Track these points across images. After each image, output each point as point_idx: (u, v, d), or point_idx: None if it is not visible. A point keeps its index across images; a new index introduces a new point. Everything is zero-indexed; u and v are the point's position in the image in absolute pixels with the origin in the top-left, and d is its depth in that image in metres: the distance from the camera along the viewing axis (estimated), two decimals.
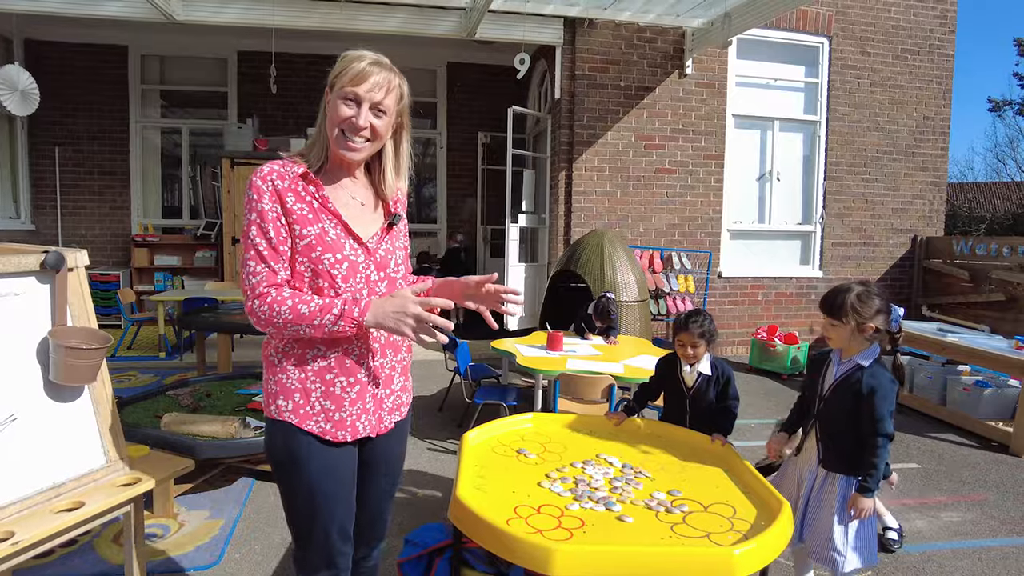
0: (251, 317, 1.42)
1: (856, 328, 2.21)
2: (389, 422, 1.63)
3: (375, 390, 1.57)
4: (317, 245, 1.45)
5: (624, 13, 6.30)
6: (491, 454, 2.30)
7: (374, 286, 1.53)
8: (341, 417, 1.51)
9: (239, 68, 8.52)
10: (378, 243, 1.56)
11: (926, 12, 7.40)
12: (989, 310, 6.67)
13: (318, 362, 1.49)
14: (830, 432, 2.29)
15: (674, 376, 2.75)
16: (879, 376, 2.19)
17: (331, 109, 1.48)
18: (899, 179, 7.52)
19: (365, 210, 1.59)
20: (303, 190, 1.47)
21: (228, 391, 3.77)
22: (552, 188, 6.98)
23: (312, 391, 1.49)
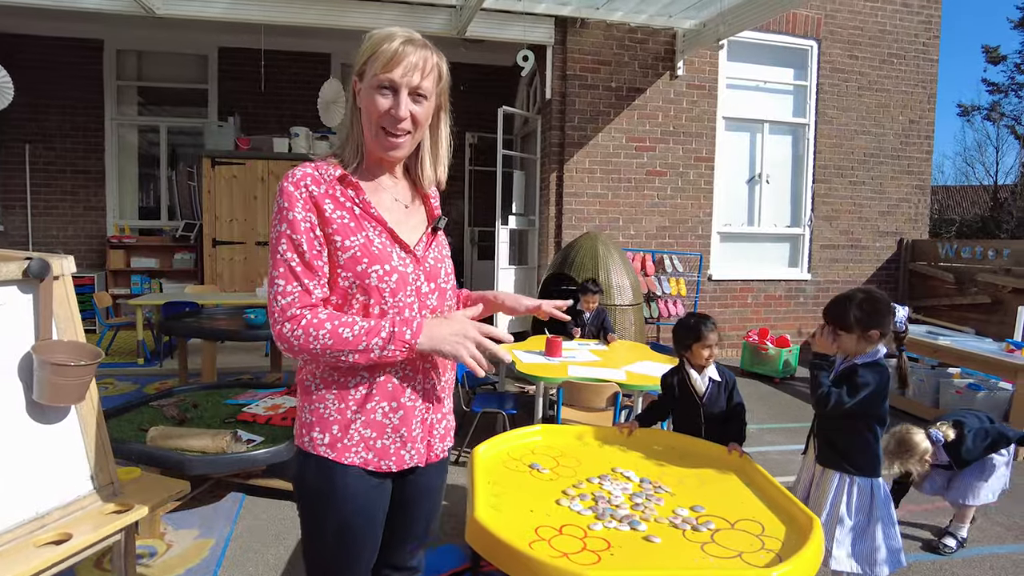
0: (281, 343, 1.26)
1: (862, 335, 2.24)
2: (441, 449, 1.48)
3: (425, 414, 1.41)
4: (363, 257, 1.29)
5: (616, 13, 6.24)
6: (503, 469, 2.20)
7: (424, 299, 1.38)
8: (384, 445, 1.35)
9: (220, 65, 8.30)
10: (425, 250, 1.40)
11: (912, 17, 7.46)
12: (974, 312, 6.73)
13: (359, 389, 1.32)
14: (825, 427, 2.38)
15: (684, 386, 2.69)
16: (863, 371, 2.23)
17: (365, 102, 1.31)
18: (885, 182, 7.57)
19: (409, 213, 1.43)
20: (342, 195, 1.32)
21: (215, 401, 3.61)
22: (543, 190, 6.89)
23: (352, 422, 1.32)
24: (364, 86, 1.31)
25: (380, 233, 1.33)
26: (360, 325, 1.25)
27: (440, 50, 1.38)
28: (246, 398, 3.66)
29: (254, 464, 2.90)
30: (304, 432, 1.35)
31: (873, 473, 2.32)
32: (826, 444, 2.37)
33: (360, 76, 1.33)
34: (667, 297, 6.81)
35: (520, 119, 8.03)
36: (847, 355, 2.32)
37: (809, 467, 2.46)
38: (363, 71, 1.32)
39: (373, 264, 1.29)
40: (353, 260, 1.28)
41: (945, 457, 2.98)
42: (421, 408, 1.39)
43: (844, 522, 2.24)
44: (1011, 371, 4.51)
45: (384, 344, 1.24)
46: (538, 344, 4.22)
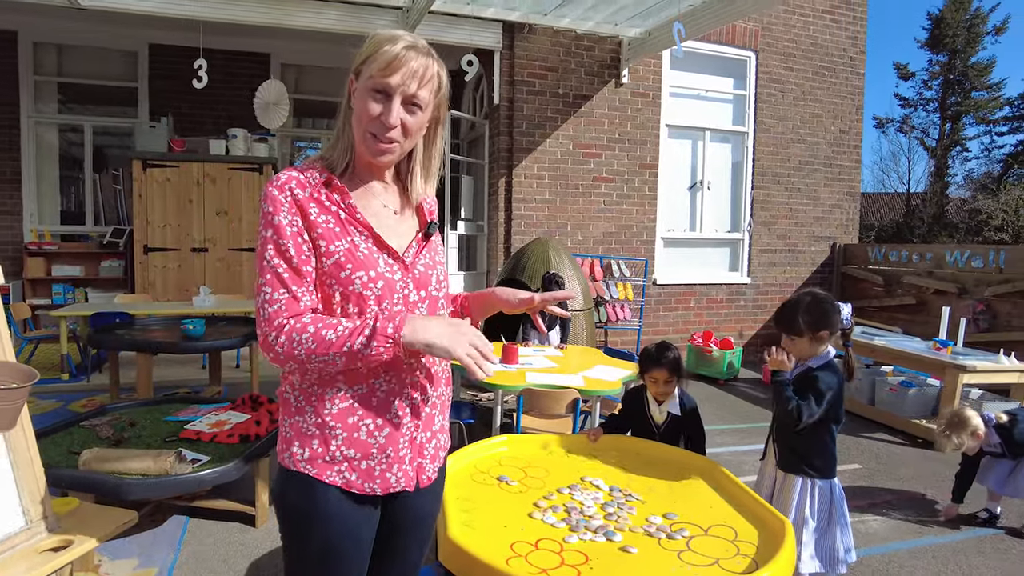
0: (266, 352, 1.20)
1: (813, 338, 2.30)
2: (431, 471, 1.39)
3: (414, 433, 1.32)
4: (347, 263, 1.23)
5: (563, 20, 6.28)
6: (472, 483, 2.14)
7: (413, 307, 1.31)
8: (368, 466, 1.27)
9: (151, 62, 7.89)
10: (415, 257, 1.34)
11: (840, 32, 7.83)
12: (901, 313, 7.09)
13: (339, 403, 1.25)
14: (784, 432, 2.40)
15: (642, 413, 2.68)
16: (819, 374, 2.30)
17: (358, 103, 1.25)
18: (819, 189, 7.90)
19: (399, 220, 1.37)
20: (327, 199, 1.27)
21: (154, 418, 3.39)
22: (491, 195, 6.85)
23: (332, 438, 1.25)
24: (359, 86, 1.26)
25: (366, 239, 1.28)
26: (344, 325, 1.18)
27: None
28: (188, 414, 3.46)
29: (201, 485, 2.73)
30: (285, 448, 1.29)
31: (831, 474, 2.38)
32: (787, 449, 2.40)
33: (356, 75, 1.28)
34: (615, 302, 6.89)
35: (467, 124, 7.97)
36: (800, 359, 2.37)
37: (771, 473, 2.49)
38: (360, 70, 1.26)
39: (357, 270, 1.24)
40: (337, 266, 1.23)
41: (996, 439, 3.26)
42: (409, 426, 1.31)
43: (808, 524, 2.29)
44: (939, 368, 4.76)
45: (367, 341, 1.16)
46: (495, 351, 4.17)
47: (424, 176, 1.41)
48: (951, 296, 6.37)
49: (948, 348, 4.91)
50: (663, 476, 2.27)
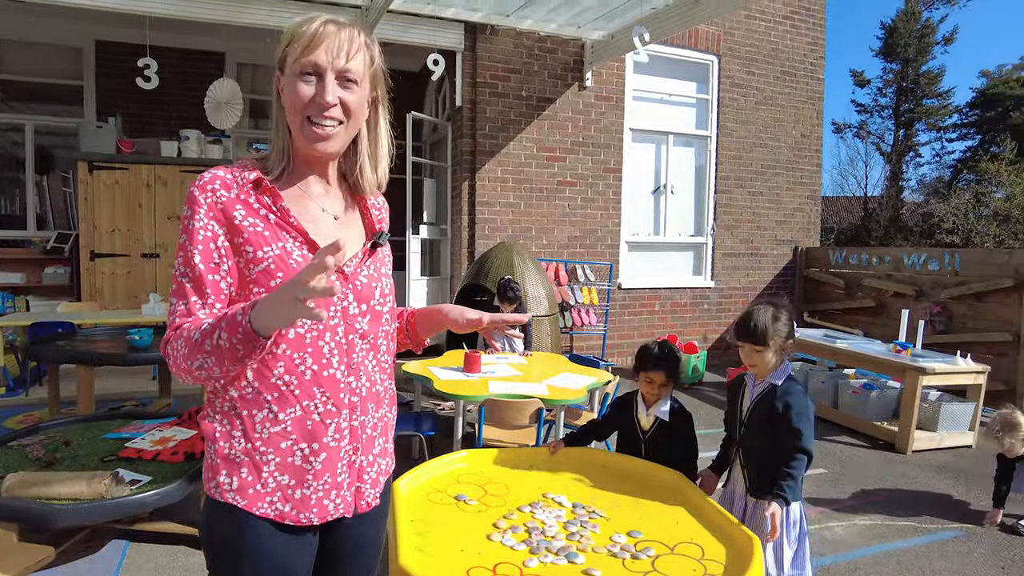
0: (168, 362, 1.12)
1: (780, 347, 2.20)
2: (372, 497, 1.28)
3: (352, 456, 1.22)
4: (277, 271, 1.12)
5: (526, 21, 6.20)
6: (427, 503, 2.02)
7: (353, 322, 1.19)
8: (304, 495, 1.16)
9: (97, 60, 7.57)
10: (357, 267, 1.23)
11: (800, 38, 7.93)
12: (861, 315, 7.19)
13: (267, 426, 1.14)
14: (754, 458, 2.26)
15: (629, 418, 2.54)
16: (793, 392, 2.18)
17: (287, 94, 1.16)
18: (781, 192, 7.98)
19: (340, 226, 1.26)
20: (256, 201, 1.15)
21: (92, 436, 3.18)
22: (455, 198, 6.74)
23: (264, 464, 1.14)
24: (286, 77, 1.17)
25: (300, 245, 1.16)
26: (207, 322, 1.05)
27: None
28: (130, 431, 3.25)
29: (141, 508, 2.54)
30: (211, 476, 1.16)
31: (799, 495, 2.22)
32: (758, 475, 2.24)
33: (281, 68, 1.18)
34: (580, 306, 6.83)
35: (429, 126, 7.84)
36: (762, 373, 2.24)
37: (739, 499, 2.32)
38: (283, 61, 1.17)
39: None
40: (266, 274, 1.12)
41: None
42: (348, 450, 1.21)
43: (784, 551, 2.20)
44: (899, 370, 4.81)
45: (228, 335, 0.99)
46: (456, 359, 4.05)
47: (373, 164, 1.30)
48: (909, 298, 6.48)
49: (908, 350, 4.97)
50: (628, 490, 2.18)
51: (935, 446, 4.69)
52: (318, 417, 1.16)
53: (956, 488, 3.99)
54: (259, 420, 1.14)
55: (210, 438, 1.17)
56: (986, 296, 5.77)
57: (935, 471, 4.27)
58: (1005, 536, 3.35)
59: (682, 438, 2.46)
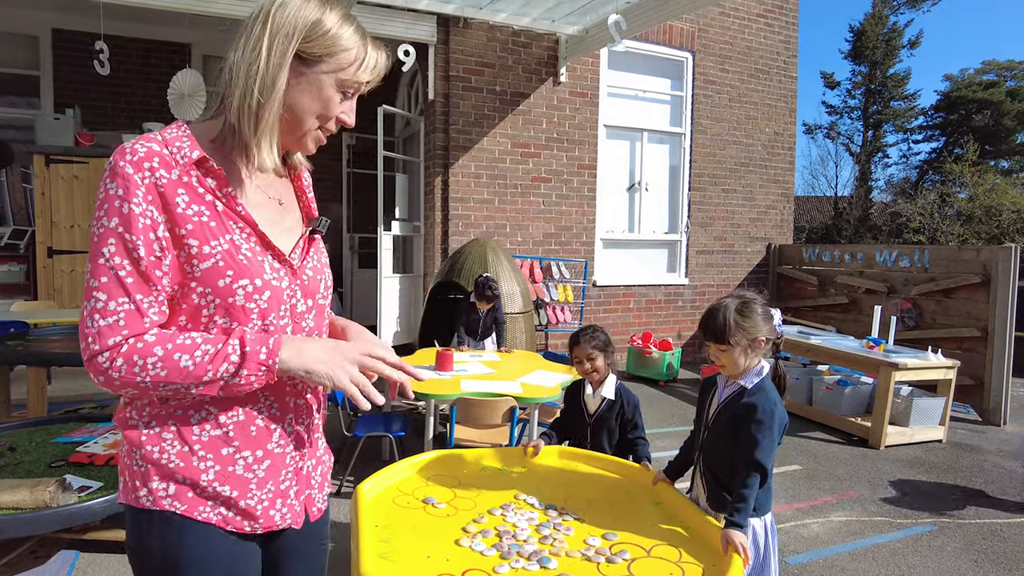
0: (96, 376, 0.96)
1: (748, 346, 1.95)
2: (321, 501, 1.22)
3: (299, 462, 1.14)
4: (227, 268, 1.00)
5: (500, 14, 6.11)
6: (393, 507, 1.92)
7: (300, 320, 1.11)
8: (248, 505, 1.07)
9: (55, 49, 7.29)
10: (302, 259, 1.14)
11: (773, 36, 7.96)
12: (834, 312, 7.24)
13: (207, 429, 1.04)
14: (713, 466, 2.05)
15: (577, 401, 2.57)
16: (760, 397, 1.93)
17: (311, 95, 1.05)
18: (755, 190, 8.01)
19: (284, 212, 1.15)
20: (200, 184, 1.02)
21: (40, 441, 3.02)
22: (427, 194, 6.62)
23: (203, 471, 1.04)
24: (313, 73, 1.05)
25: (248, 237, 1.06)
26: (203, 348, 0.97)
27: None
28: (81, 434, 3.10)
29: (90, 518, 2.40)
30: (138, 485, 1.04)
31: (766, 509, 2.04)
32: (715, 484, 2.05)
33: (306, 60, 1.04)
34: (555, 304, 6.76)
35: (401, 120, 7.71)
36: (733, 375, 2.01)
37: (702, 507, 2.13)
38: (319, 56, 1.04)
39: (240, 277, 1.02)
40: (214, 272, 1.00)
41: None
42: (293, 455, 1.13)
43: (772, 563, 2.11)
44: (872, 366, 4.83)
45: (236, 370, 0.97)
46: (427, 358, 3.95)
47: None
48: (881, 295, 6.53)
49: (880, 346, 4.99)
50: (602, 490, 2.11)
51: (907, 441, 4.72)
52: (262, 423, 1.09)
53: (928, 482, 4.00)
54: (196, 423, 1.04)
55: (135, 444, 1.05)
56: (955, 292, 5.84)
57: (907, 465, 4.29)
58: (977, 530, 3.35)
59: (630, 423, 2.48)
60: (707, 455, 2.09)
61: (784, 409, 1.99)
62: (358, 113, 5.01)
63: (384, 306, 6.37)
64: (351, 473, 3.52)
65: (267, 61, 1.01)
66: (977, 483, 4.02)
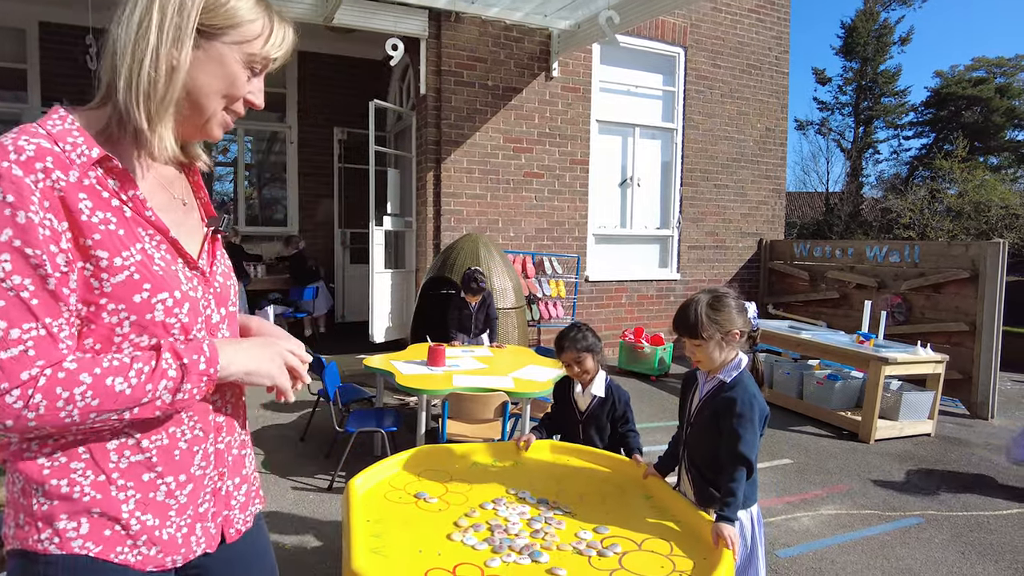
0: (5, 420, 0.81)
1: (721, 340, 1.95)
2: (241, 522, 1.13)
3: (217, 482, 1.06)
4: (143, 281, 0.90)
5: (492, 9, 6.09)
6: (384, 502, 1.92)
7: (215, 331, 1.03)
8: (170, 535, 0.97)
9: (41, 42, 7.21)
10: (210, 265, 1.05)
11: (766, 32, 7.98)
12: (824, 307, 7.28)
13: (125, 455, 0.93)
14: (697, 461, 2.05)
15: (567, 399, 2.57)
16: (739, 391, 1.94)
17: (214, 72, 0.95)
18: (746, 186, 8.03)
19: (187, 213, 1.05)
20: (102, 187, 0.89)
21: None
22: (419, 189, 6.60)
23: (123, 501, 0.93)
24: (214, 48, 0.95)
25: (159, 245, 0.95)
26: (136, 367, 0.87)
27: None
28: None
29: None
30: (40, 527, 0.90)
31: (752, 501, 2.03)
32: (700, 478, 2.04)
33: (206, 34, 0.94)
34: (547, 299, 6.77)
35: (393, 115, 7.68)
36: (711, 369, 2.02)
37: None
38: (220, 29, 0.95)
39: (159, 291, 0.91)
40: (128, 286, 0.89)
41: None
42: (212, 476, 1.05)
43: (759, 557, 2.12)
44: (863, 361, 4.85)
45: (177, 385, 0.89)
46: (419, 353, 3.94)
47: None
48: (871, 290, 6.57)
49: (871, 341, 5.02)
50: (594, 484, 2.11)
51: (896, 435, 4.76)
52: (185, 445, 1.00)
53: (917, 476, 4.03)
54: (114, 448, 0.92)
55: (36, 479, 0.90)
56: (944, 287, 5.88)
57: (896, 459, 4.32)
58: (964, 522, 3.38)
59: (621, 418, 2.50)
60: (691, 450, 2.09)
61: (764, 400, 1.99)
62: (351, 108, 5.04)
63: (376, 301, 6.36)
64: (342, 469, 3.52)
65: (158, 34, 0.90)
66: (965, 476, 4.05)
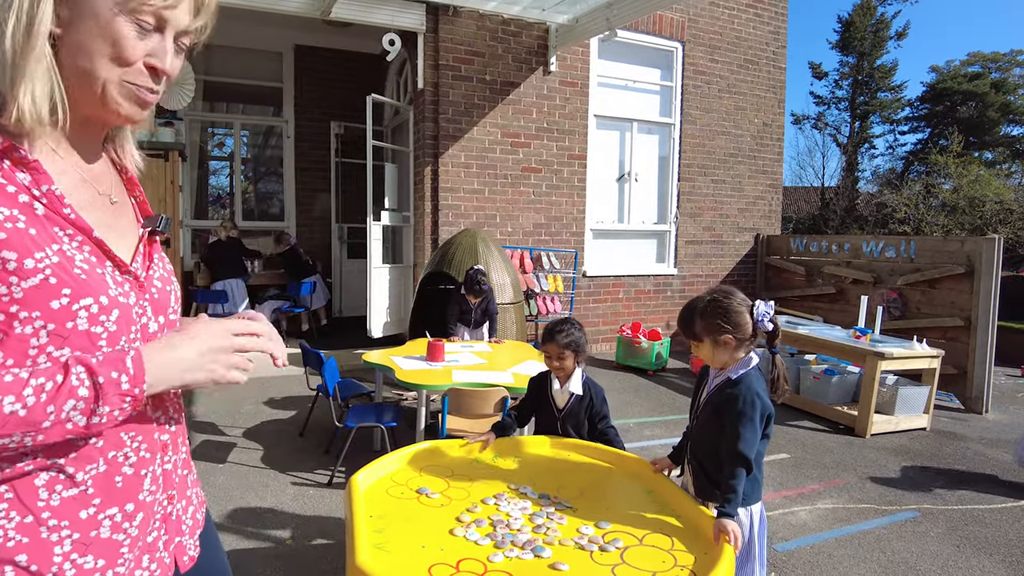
0: None
1: (713, 343, 1.98)
2: (193, 547, 1.04)
3: (166, 507, 0.97)
4: (60, 286, 0.79)
5: (490, 3, 6.07)
6: (387, 498, 1.93)
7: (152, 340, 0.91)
8: (116, 574, 0.87)
9: None
10: (146, 268, 0.95)
11: (763, 27, 7.97)
12: (821, 302, 7.31)
13: (57, 491, 0.82)
14: (699, 454, 2.07)
15: (544, 395, 2.59)
16: (742, 388, 1.94)
17: (96, 35, 0.81)
18: (743, 181, 8.04)
19: (118, 213, 0.95)
20: (8, 180, 0.78)
21: None
22: (417, 184, 6.59)
23: (56, 543, 0.82)
24: (91, 7, 0.81)
25: (81, 246, 0.84)
26: (33, 384, 0.75)
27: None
28: None
29: None
30: None
31: (756, 499, 2.03)
32: (703, 474, 2.05)
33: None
34: (545, 294, 6.78)
35: (391, 110, 7.65)
36: (719, 366, 2.04)
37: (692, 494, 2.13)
38: None
39: (81, 296, 0.80)
40: (43, 291, 0.77)
41: None
42: (162, 500, 0.96)
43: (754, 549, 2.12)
44: (859, 356, 4.88)
45: (90, 407, 0.77)
46: (418, 348, 3.95)
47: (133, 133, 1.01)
48: (868, 285, 6.60)
49: (867, 336, 5.04)
50: (595, 479, 2.13)
51: (892, 429, 4.79)
52: (131, 470, 0.88)
53: (912, 470, 4.07)
54: (43, 484, 0.81)
55: None
56: (939, 283, 5.91)
57: (892, 453, 4.35)
58: (960, 516, 3.41)
59: (597, 415, 2.53)
60: (694, 443, 2.12)
61: (769, 399, 1.98)
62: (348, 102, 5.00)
63: (374, 296, 6.35)
64: (342, 464, 3.52)
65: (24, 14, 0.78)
66: (960, 470, 4.09)
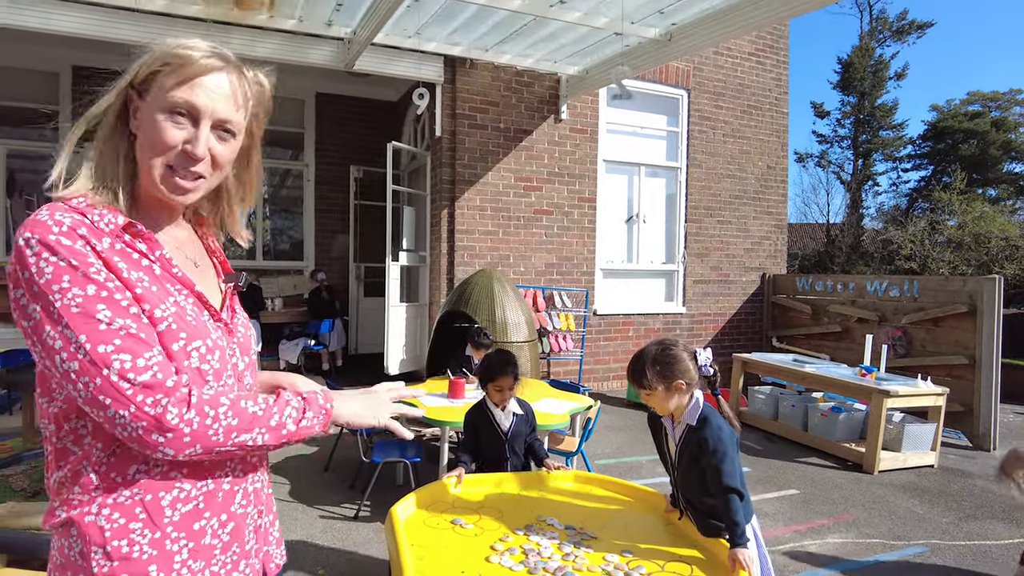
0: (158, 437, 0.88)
1: (666, 389, 2.07)
2: (279, 556, 1.20)
3: (257, 520, 1.12)
4: (179, 331, 0.96)
5: (504, 56, 6.39)
6: (424, 528, 2.09)
7: (242, 378, 1.10)
8: (213, 573, 1.02)
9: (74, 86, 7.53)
10: (231, 316, 1.13)
11: (765, 74, 8.29)
12: (827, 340, 7.44)
13: (178, 508, 0.98)
14: (692, 501, 2.15)
15: (488, 423, 2.84)
16: (708, 431, 2.04)
17: (146, 126, 0.97)
18: (749, 222, 8.26)
19: (202, 272, 1.13)
20: (132, 249, 0.97)
21: None
22: (434, 226, 6.83)
23: (176, 553, 0.97)
24: (147, 105, 0.98)
25: (187, 298, 1.02)
26: (260, 396, 1.00)
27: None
28: None
29: None
30: None
31: (750, 516, 2.12)
32: (701, 515, 2.10)
33: (139, 90, 0.99)
34: (557, 332, 6.95)
35: (407, 155, 7.96)
36: (671, 413, 2.13)
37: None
38: (146, 83, 0.98)
39: (193, 339, 0.98)
40: (168, 335, 0.95)
41: None
42: (253, 514, 1.11)
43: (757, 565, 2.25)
44: (865, 393, 5.01)
45: (301, 413, 1.00)
46: (440, 386, 4.11)
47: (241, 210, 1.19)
48: (872, 324, 6.74)
49: (873, 374, 5.17)
50: (616, 510, 2.28)
51: (899, 466, 4.88)
52: (228, 486, 1.05)
53: (920, 506, 4.16)
54: (168, 503, 0.97)
55: (97, 540, 0.93)
56: (943, 321, 6.05)
57: (900, 490, 4.44)
58: (968, 551, 3.51)
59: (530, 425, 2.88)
60: (684, 491, 2.19)
61: (729, 425, 2.10)
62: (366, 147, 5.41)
63: (391, 334, 6.54)
64: (369, 497, 3.66)
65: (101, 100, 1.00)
66: (968, 506, 4.18)
